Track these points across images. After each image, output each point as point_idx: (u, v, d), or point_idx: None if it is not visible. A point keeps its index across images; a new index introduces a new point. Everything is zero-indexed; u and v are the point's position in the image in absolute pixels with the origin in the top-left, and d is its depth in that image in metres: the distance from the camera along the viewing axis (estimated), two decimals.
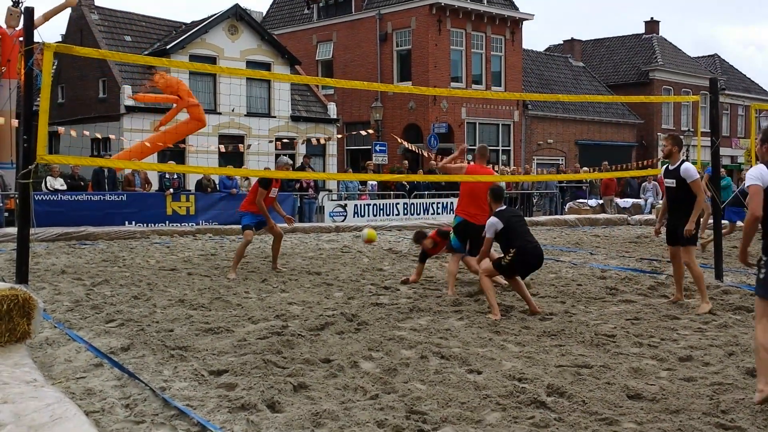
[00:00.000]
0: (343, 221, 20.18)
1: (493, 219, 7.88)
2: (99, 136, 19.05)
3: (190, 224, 17.83)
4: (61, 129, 17.21)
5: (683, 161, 8.18)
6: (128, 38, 28.25)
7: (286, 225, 11.92)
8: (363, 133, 23.29)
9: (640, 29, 47.83)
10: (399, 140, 25.70)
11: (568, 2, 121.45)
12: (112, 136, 20.66)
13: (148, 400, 4.78)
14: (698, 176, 8.13)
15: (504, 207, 8.17)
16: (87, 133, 18.11)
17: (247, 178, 20.81)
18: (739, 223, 14.39)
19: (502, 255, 7.87)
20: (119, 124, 24.57)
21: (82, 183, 18.86)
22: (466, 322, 7.36)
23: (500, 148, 34.52)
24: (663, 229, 8.73)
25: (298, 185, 20.81)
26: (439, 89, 27.19)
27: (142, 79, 25.98)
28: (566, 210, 24.38)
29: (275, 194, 11.01)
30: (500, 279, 9.30)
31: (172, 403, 4.67)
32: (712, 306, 7.95)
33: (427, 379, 5.33)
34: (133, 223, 17.30)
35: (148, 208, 17.86)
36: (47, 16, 17.58)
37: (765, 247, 4.97)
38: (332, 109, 30.78)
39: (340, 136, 25.03)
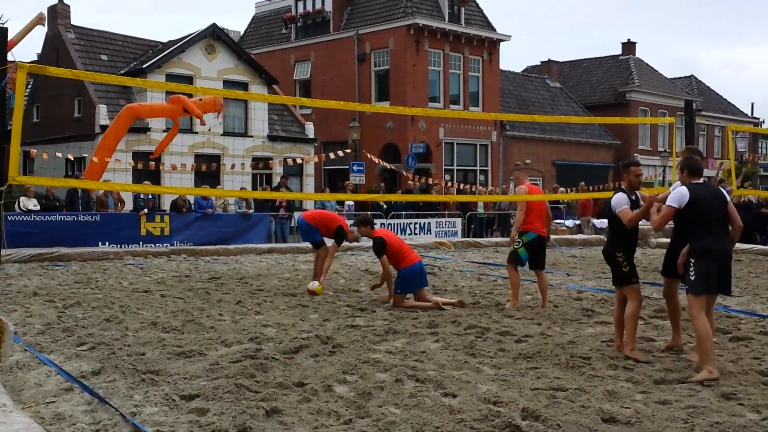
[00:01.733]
0: None
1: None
2: (71, 157, 18.90)
3: (164, 245, 17.67)
4: (33, 151, 17.04)
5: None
6: (105, 57, 28.12)
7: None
8: (341, 153, 23.25)
9: (617, 51, 48.37)
10: (377, 160, 25.72)
11: (545, 24, 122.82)
12: (86, 155, 20.47)
13: (118, 425, 4.70)
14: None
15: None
16: (59, 154, 17.95)
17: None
18: None
19: None
20: (94, 144, 24.37)
21: (57, 203, 18.65)
22: (442, 344, 7.33)
23: (478, 168, 34.66)
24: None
25: (270, 204, 20.73)
26: (416, 109, 27.28)
27: (118, 99, 25.88)
28: None
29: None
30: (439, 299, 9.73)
31: (143, 429, 4.59)
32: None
33: (401, 403, 5.28)
34: (107, 243, 17.11)
35: (122, 228, 17.70)
36: (19, 38, 17.46)
37: (691, 251, 6.30)
38: (310, 129, 30.78)
39: (317, 159, 24.87)
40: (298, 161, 26.28)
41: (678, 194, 6.32)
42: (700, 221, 6.28)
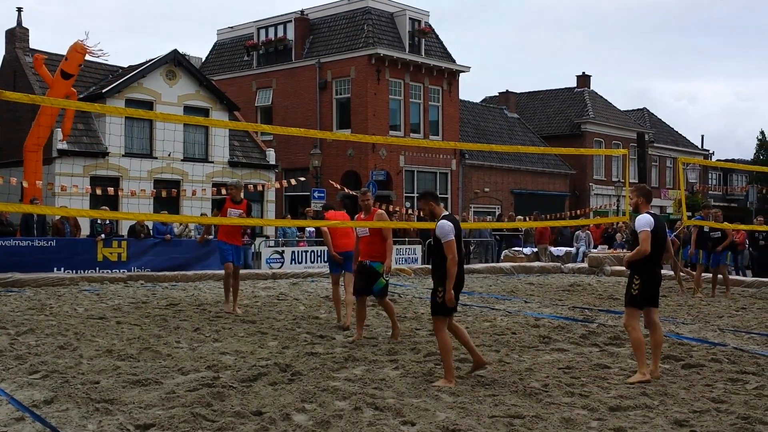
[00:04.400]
0: (280, 268, 20.02)
1: None
2: (25, 184, 18.61)
3: (121, 271, 17.42)
4: None
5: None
6: None
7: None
8: (302, 178, 23.23)
9: (573, 83, 49.21)
10: (338, 186, 25.78)
11: (503, 56, 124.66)
12: (38, 183, 20.07)
13: None
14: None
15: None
16: (14, 180, 17.67)
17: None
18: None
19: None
20: (51, 168, 24.06)
21: (11, 228, 18.30)
22: (401, 371, 7.33)
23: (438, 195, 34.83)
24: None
25: None
26: (377, 137, 27.47)
27: (76, 123, 25.53)
28: (502, 258, 24.68)
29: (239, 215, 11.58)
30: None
31: None
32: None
33: (360, 431, 5.27)
34: (62, 269, 16.80)
35: (78, 253, 17.38)
36: None
37: (637, 269, 7.07)
38: (271, 155, 30.73)
39: (278, 185, 24.77)
40: (259, 188, 26.25)
41: (645, 219, 7.06)
42: (654, 246, 7.04)
